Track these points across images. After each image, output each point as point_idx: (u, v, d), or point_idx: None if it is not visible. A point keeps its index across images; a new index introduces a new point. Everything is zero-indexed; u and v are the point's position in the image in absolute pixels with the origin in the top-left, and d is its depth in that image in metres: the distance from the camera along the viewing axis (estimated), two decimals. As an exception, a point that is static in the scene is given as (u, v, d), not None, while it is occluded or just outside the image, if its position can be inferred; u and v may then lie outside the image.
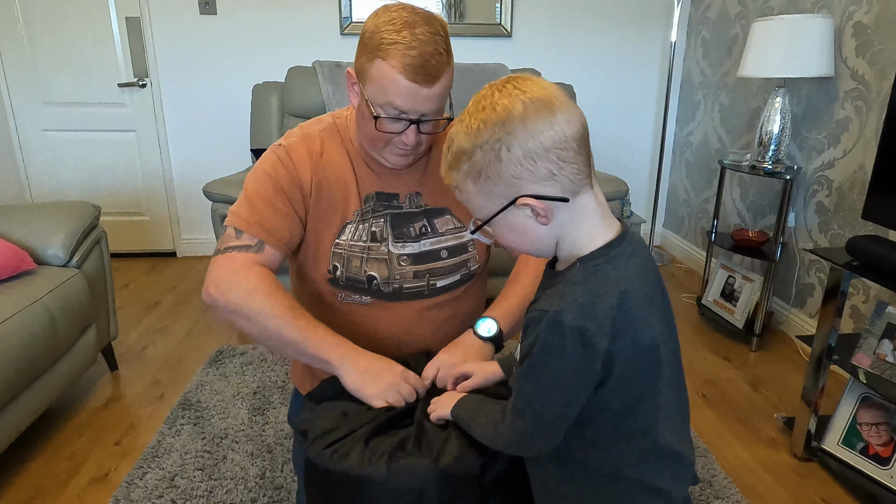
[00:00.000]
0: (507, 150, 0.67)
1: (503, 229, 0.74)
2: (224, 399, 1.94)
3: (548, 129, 0.66)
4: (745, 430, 1.85)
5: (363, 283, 1.13)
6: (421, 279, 1.15)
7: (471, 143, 0.69)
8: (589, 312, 0.66)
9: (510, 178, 0.68)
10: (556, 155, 0.67)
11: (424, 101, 0.97)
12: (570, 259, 0.73)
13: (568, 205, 0.70)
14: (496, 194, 0.70)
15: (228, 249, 1.06)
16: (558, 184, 0.68)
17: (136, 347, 2.34)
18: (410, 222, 1.14)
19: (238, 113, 3.18)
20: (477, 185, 0.71)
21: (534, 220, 0.71)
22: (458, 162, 0.71)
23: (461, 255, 1.18)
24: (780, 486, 1.61)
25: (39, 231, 1.84)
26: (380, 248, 1.12)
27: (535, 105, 0.67)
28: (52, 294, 1.68)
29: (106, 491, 1.54)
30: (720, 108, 3.00)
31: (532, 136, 0.66)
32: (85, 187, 3.30)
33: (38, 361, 1.60)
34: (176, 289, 2.96)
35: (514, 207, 0.70)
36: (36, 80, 3.11)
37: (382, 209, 1.13)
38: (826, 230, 2.25)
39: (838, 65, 2.17)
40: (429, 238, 1.15)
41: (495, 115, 0.67)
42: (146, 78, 3.17)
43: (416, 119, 0.99)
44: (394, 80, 0.94)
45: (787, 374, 2.19)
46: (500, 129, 0.67)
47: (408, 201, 1.15)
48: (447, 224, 1.17)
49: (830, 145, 2.23)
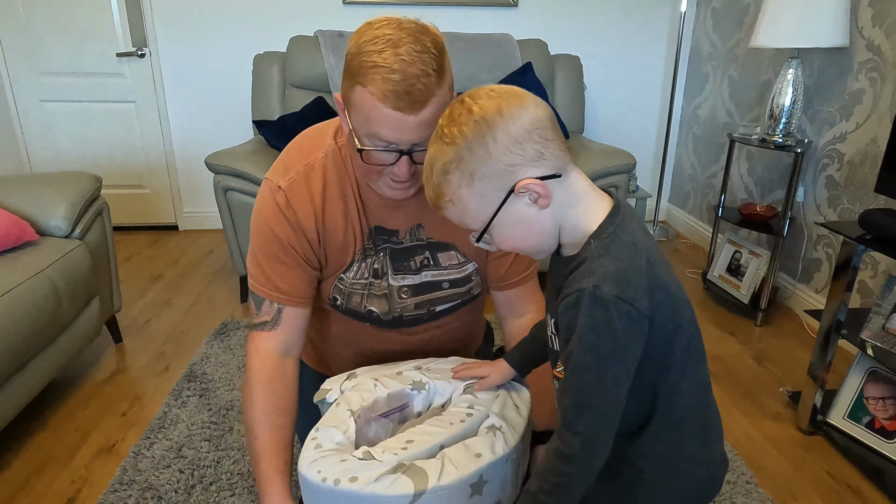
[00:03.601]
0: (494, 141, 0.69)
1: (505, 228, 0.73)
2: (230, 371, 1.94)
3: (523, 112, 0.69)
4: (751, 405, 1.85)
5: (363, 315, 1.12)
6: (421, 308, 1.12)
7: (456, 149, 0.70)
8: (623, 279, 0.68)
9: (503, 167, 0.70)
10: (539, 134, 0.70)
11: (414, 130, 0.85)
12: (576, 241, 0.74)
13: (562, 183, 0.72)
14: (492, 190, 0.71)
15: (252, 328, 1.09)
16: (548, 162, 0.71)
17: (139, 320, 2.33)
18: (411, 256, 1.09)
19: (239, 83, 3.13)
20: (471, 188, 0.71)
21: (534, 208, 0.72)
22: (447, 174, 0.71)
23: (464, 285, 1.14)
24: (786, 459, 1.61)
25: (41, 202, 1.81)
26: (381, 283, 1.09)
27: (504, 97, 0.70)
28: (54, 265, 1.67)
29: (113, 461, 1.55)
30: (730, 81, 2.95)
31: (512, 122, 0.69)
32: (85, 159, 3.26)
33: (42, 333, 1.59)
34: (178, 262, 2.95)
35: (513, 197, 0.71)
36: (32, 50, 3.05)
37: (381, 244, 1.08)
38: (835, 205, 2.23)
39: (853, 35, 2.12)
40: (430, 270, 1.10)
41: (471, 116, 0.69)
42: (145, 47, 3.11)
43: (406, 150, 0.88)
44: (375, 109, 0.83)
45: (793, 349, 2.18)
46: (480, 126, 0.69)
47: (408, 236, 1.09)
48: (451, 259, 1.11)
49: (843, 118, 2.19)
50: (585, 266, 0.70)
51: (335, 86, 2.73)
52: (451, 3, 3.13)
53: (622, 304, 0.67)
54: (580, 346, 0.68)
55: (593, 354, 0.68)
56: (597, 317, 0.67)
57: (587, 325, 0.67)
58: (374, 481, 0.76)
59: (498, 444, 0.84)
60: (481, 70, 2.79)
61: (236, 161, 2.30)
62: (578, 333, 0.68)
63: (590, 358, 0.68)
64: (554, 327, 0.78)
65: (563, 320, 0.71)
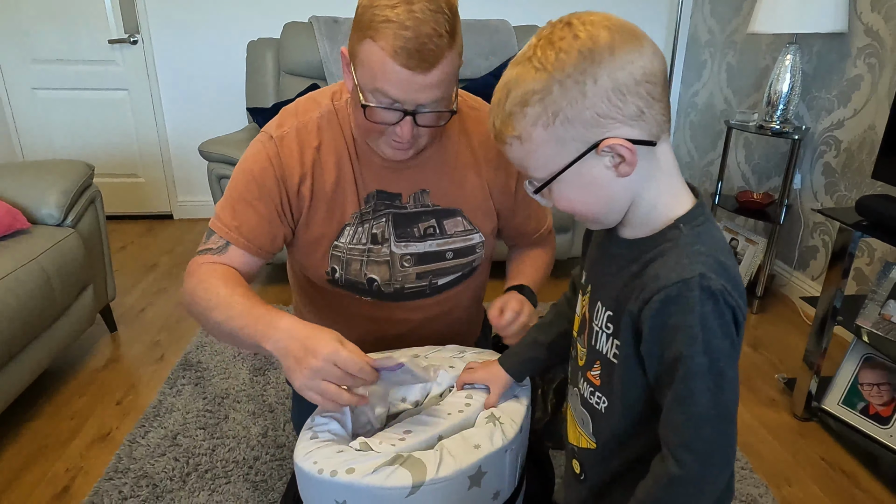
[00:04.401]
0: (594, 83, 0.57)
1: (570, 186, 0.63)
2: (224, 360, 1.93)
3: (638, 58, 0.57)
4: (746, 391, 1.85)
5: (363, 285, 1.08)
6: (423, 280, 1.10)
7: (547, 78, 0.57)
8: (725, 273, 0.59)
9: (594, 117, 0.58)
10: (646, 89, 0.58)
11: (421, 91, 0.83)
12: (648, 222, 0.64)
13: (652, 153, 0.61)
14: (572, 139, 0.59)
15: (196, 255, 1.02)
16: (646, 124, 0.59)
17: (134, 309, 2.32)
18: (415, 222, 1.06)
19: (233, 70, 3.09)
20: (549, 130, 0.59)
21: (612, 171, 0.60)
22: (526, 105, 0.59)
23: (468, 256, 1.11)
24: (780, 445, 1.62)
25: (32, 190, 1.79)
26: (381, 249, 1.05)
27: (621, 32, 0.58)
28: (47, 254, 1.65)
29: (108, 449, 1.55)
30: (727, 68, 2.93)
31: (621, 66, 0.57)
32: (78, 148, 3.23)
33: (35, 321, 1.58)
34: (173, 251, 2.94)
35: (593, 154, 0.59)
36: (23, 37, 3.01)
37: (384, 209, 1.04)
38: (832, 192, 2.22)
39: (852, 20, 2.10)
40: (435, 239, 1.07)
41: (578, 42, 0.57)
42: (137, 34, 3.07)
43: (411, 110, 0.86)
44: (384, 65, 0.81)
45: (788, 335, 2.19)
46: (585, 59, 0.56)
47: (412, 200, 1.05)
48: (457, 226, 1.08)
49: (840, 104, 2.18)
50: (677, 252, 0.60)
51: (330, 73, 2.70)
52: (446, -12, 3.09)
53: (731, 298, 0.58)
54: (693, 348, 0.58)
55: (708, 357, 0.58)
56: (707, 311, 0.57)
57: (699, 322, 0.57)
58: (371, 473, 0.75)
59: (497, 434, 0.84)
60: (477, 56, 2.77)
61: (230, 148, 2.28)
62: (689, 334, 0.58)
63: (705, 362, 0.58)
64: (607, 321, 0.68)
65: (659, 320, 0.59)
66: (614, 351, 0.67)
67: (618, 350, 0.66)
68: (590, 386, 0.72)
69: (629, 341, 0.64)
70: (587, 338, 0.72)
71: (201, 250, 1.02)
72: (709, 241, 0.61)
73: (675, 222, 0.63)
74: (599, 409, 0.71)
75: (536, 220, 1.19)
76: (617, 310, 0.66)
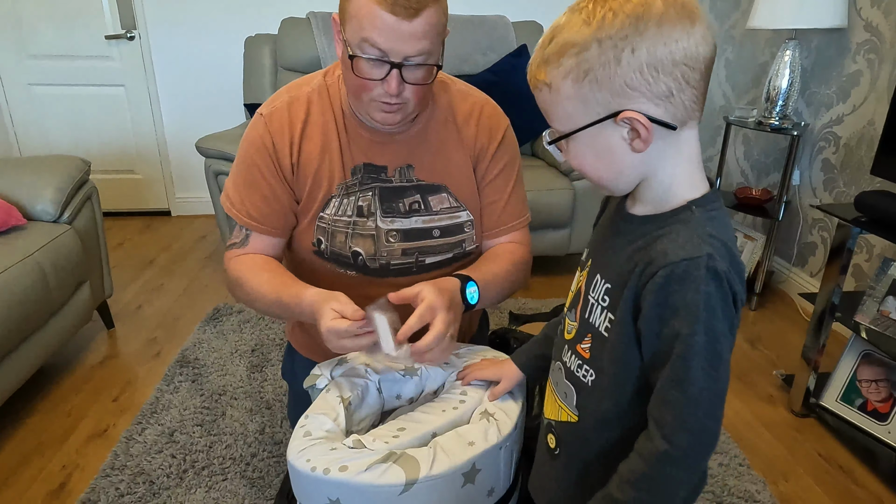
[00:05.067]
0: (631, 52, 0.56)
1: (585, 148, 0.63)
2: (222, 356, 1.93)
3: (684, 38, 0.57)
4: (744, 387, 1.85)
5: (348, 259, 1.09)
6: (409, 256, 1.10)
7: (589, 34, 0.57)
8: (731, 258, 0.60)
9: (622, 86, 0.58)
10: (682, 72, 0.57)
11: (407, 40, 0.87)
12: (659, 201, 0.64)
13: (673, 136, 0.61)
14: (596, 102, 0.59)
15: (227, 249, 1.12)
16: (672, 107, 0.59)
17: (131, 305, 2.32)
18: (400, 197, 1.08)
19: (230, 66, 3.08)
20: (577, 86, 0.59)
21: (627, 144, 0.61)
22: (562, 55, 0.59)
23: (456, 235, 1.11)
24: (778, 441, 1.62)
25: (28, 185, 1.79)
26: (366, 223, 1.07)
27: (676, 7, 0.56)
28: (43, 250, 1.65)
29: (105, 446, 1.54)
30: (726, 63, 2.92)
31: (664, 42, 0.56)
32: (75, 144, 3.22)
33: (31, 318, 1.57)
34: (171, 247, 2.93)
35: (611, 122, 0.60)
36: (20, 33, 2.99)
37: (370, 182, 1.06)
38: (831, 188, 2.22)
39: (851, 15, 2.09)
40: (420, 215, 1.08)
41: (629, 6, 0.56)
42: (134, 30, 3.05)
43: (398, 62, 0.89)
44: (371, 12, 0.86)
45: (786, 332, 2.18)
46: (630, 25, 0.56)
47: (397, 174, 1.07)
48: (442, 202, 1.09)
49: (839, 100, 2.17)
50: (687, 232, 0.60)
51: (327, 68, 2.69)
52: (445, -17, 3.08)
53: (734, 283, 0.59)
54: (694, 326, 0.58)
55: (708, 336, 0.58)
56: (712, 291, 0.57)
57: (703, 302, 0.57)
58: (364, 470, 0.75)
59: (491, 431, 0.83)
60: (475, 51, 2.76)
61: (227, 145, 2.27)
62: (691, 311, 0.58)
63: (703, 341, 0.58)
64: (604, 294, 0.68)
65: (661, 296, 0.59)
66: (606, 325, 0.67)
67: (610, 324, 0.66)
68: (578, 359, 0.72)
69: (627, 315, 0.64)
70: (579, 311, 0.72)
71: (229, 245, 1.12)
72: (720, 227, 0.62)
73: (688, 203, 0.63)
74: (586, 382, 0.71)
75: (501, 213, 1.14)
76: (617, 282, 0.66)
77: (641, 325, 0.62)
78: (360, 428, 0.92)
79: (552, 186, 2.39)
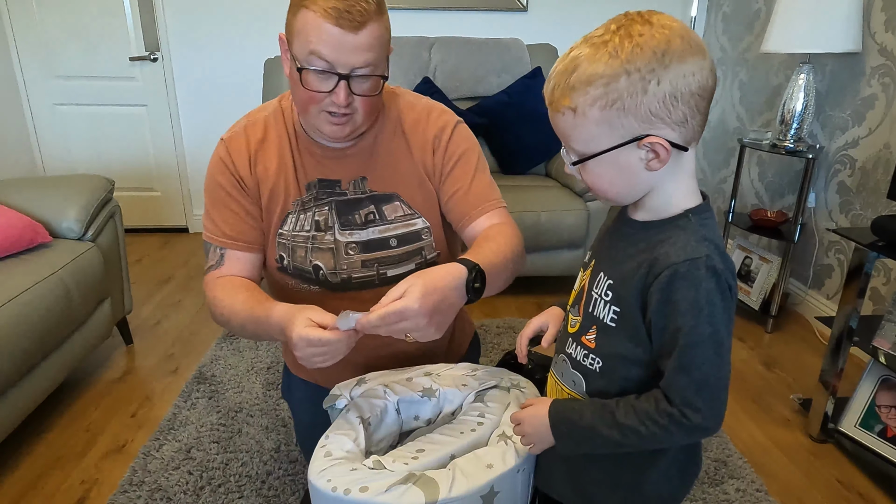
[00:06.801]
0: (657, 83, 0.63)
1: (605, 167, 0.69)
2: (238, 373, 1.95)
3: (699, 72, 0.64)
4: (760, 411, 1.83)
5: (310, 273, 1.11)
6: (370, 268, 1.11)
7: (618, 66, 0.63)
8: (725, 259, 0.67)
9: (647, 113, 0.64)
10: (696, 101, 0.65)
11: (352, 52, 0.91)
12: (659, 210, 0.72)
13: (678, 156, 0.68)
14: (621, 126, 0.65)
15: (204, 274, 1.13)
16: (686, 132, 0.66)
17: (150, 321, 2.35)
18: (356, 209, 1.09)
19: (250, 88, 3.14)
20: (604, 112, 0.65)
21: (644, 163, 0.67)
22: (590, 84, 0.64)
23: (413, 243, 1.12)
24: (795, 466, 1.60)
25: (54, 204, 1.83)
26: (324, 237, 1.09)
27: (692, 44, 0.64)
28: (67, 267, 1.68)
29: (122, 462, 1.56)
30: (740, 85, 2.93)
31: (684, 75, 0.63)
32: (97, 162, 3.29)
33: (54, 333, 1.61)
34: (188, 263, 2.97)
35: (633, 145, 0.66)
36: (47, 54, 3.09)
37: (326, 197, 1.09)
38: (847, 211, 2.21)
39: (866, 40, 2.10)
40: (377, 225, 1.10)
41: (654, 42, 0.62)
42: (157, 52, 3.14)
43: (345, 73, 0.92)
44: (317, 26, 0.89)
45: (802, 355, 2.17)
46: (656, 60, 0.62)
47: (351, 187, 1.09)
48: (396, 211, 1.11)
49: (855, 123, 2.17)
50: (686, 236, 0.68)
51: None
52: (461, 7, 3.14)
53: (730, 278, 0.67)
54: (697, 320, 0.65)
55: (711, 328, 0.65)
56: (711, 288, 0.65)
57: (704, 297, 0.65)
58: (384, 491, 0.76)
59: (509, 454, 0.84)
60: (489, 73, 2.80)
61: (246, 164, 2.30)
62: (694, 306, 0.65)
63: (707, 331, 0.65)
64: (607, 289, 0.74)
65: (667, 293, 0.66)
66: (612, 316, 0.74)
67: (616, 315, 0.73)
68: (584, 349, 0.78)
69: (634, 310, 0.71)
70: (583, 306, 0.79)
71: (207, 268, 1.12)
72: (711, 231, 0.70)
73: (685, 212, 0.71)
74: (593, 369, 0.76)
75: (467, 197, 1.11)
76: (620, 280, 0.73)
77: (650, 320, 0.69)
78: (379, 448, 0.93)
79: (566, 207, 2.41)
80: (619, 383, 0.74)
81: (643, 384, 0.73)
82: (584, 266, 0.83)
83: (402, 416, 0.98)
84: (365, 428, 0.91)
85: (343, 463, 0.82)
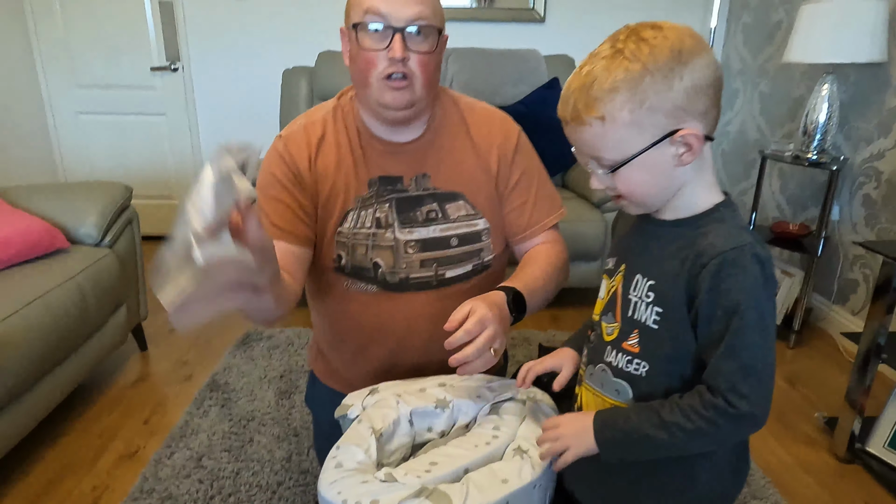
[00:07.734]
0: (680, 79, 0.66)
1: (636, 168, 0.70)
2: (251, 382, 1.94)
3: (710, 65, 0.68)
4: (782, 428, 1.78)
5: (369, 271, 1.09)
6: (428, 268, 1.09)
7: (639, 69, 0.65)
8: (764, 247, 0.69)
9: (674, 108, 0.67)
10: (712, 93, 0.68)
11: (405, 3, 0.93)
12: (687, 206, 0.73)
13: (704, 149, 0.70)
14: (651, 125, 0.67)
15: None
16: (707, 123, 0.69)
17: (164, 328, 2.36)
18: (417, 206, 1.08)
19: (268, 98, 3.17)
20: (633, 114, 0.67)
21: (675, 160, 0.69)
22: (614, 91, 0.66)
23: (473, 243, 1.11)
24: (820, 486, 1.54)
25: (73, 210, 1.85)
26: (385, 234, 1.08)
27: (698, 42, 0.67)
28: (84, 273, 1.69)
29: (134, 469, 1.56)
30: (760, 97, 2.89)
31: (700, 69, 0.66)
32: (116, 170, 3.33)
33: (70, 339, 1.61)
34: (204, 272, 2.98)
35: (666, 142, 0.68)
36: (70, 64, 3.14)
37: (387, 194, 1.08)
38: (873, 224, 2.16)
39: (891, 49, 2.06)
40: (438, 224, 1.09)
41: (668, 42, 0.66)
42: (178, 62, 3.18)
43: (399, 27, 0.94)
44: None
45: (827, 371, 2.11)
46: (675, 57, 0.66)
47: (413, 184, 1.09)
48: (459, 210, 1.10)
49: (881, 135, 2.13)
50: (726, 227, 0.70)
51: (362, 99, 2.75)
52: (479, 18, 3.15)
53: (771, 267, 0.68)
54: (746, 305, 0.66)
55: (758, 314, 0.67)
56: (757, 274, 0.67)
57: (752, 283, 0.67)
58: None
59: (525, 469, 0.82)
60: (506, 83, 2.79)
61: (263, 173, 2.31)
62: (744, 291, 0.66)
63: (755, 317, 0.67)
64: (647, 290, 0.74)
65: (716, 280, 0.67)
66: (655, 318, 0.74)
67: (659, 316, 0.73)
68: (626, 356, 0.77)
69: (679, 307, 0.71)
70: (620, 312, 0.78)
71: None
72: (741, 221, 0.72)
73: (715, 206, 0.73)
74: (639, 374, 0.76)
75: (532, 213, 1.15)
76: (661, 278, 0.73)
77: (698, 309, 0.69)
78: (391, 460, 0.91)
79: (584, 218, 2.38)
80: (666, 385, 0.74)
81: (689, 384, 0.72)
82: (611, 273, 0.82)
83: (415, 427, 0.96)
84: (377, 439, 0.89)
85: (354, 475, 0.80)
